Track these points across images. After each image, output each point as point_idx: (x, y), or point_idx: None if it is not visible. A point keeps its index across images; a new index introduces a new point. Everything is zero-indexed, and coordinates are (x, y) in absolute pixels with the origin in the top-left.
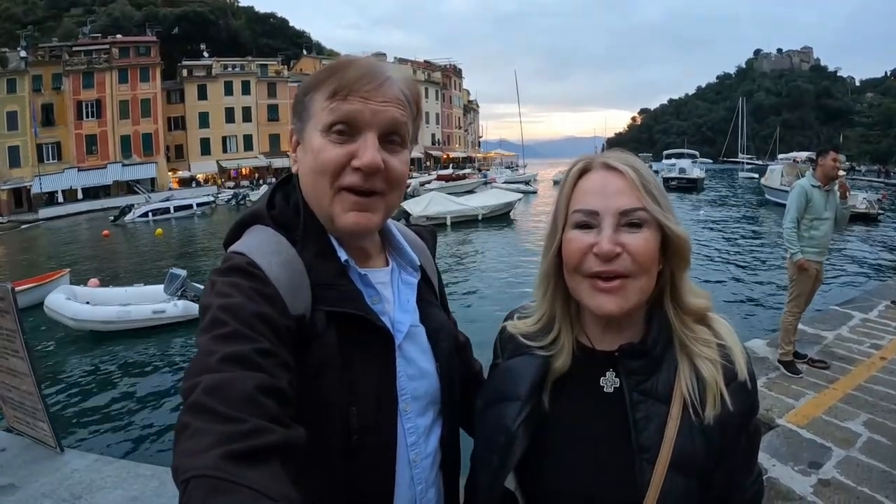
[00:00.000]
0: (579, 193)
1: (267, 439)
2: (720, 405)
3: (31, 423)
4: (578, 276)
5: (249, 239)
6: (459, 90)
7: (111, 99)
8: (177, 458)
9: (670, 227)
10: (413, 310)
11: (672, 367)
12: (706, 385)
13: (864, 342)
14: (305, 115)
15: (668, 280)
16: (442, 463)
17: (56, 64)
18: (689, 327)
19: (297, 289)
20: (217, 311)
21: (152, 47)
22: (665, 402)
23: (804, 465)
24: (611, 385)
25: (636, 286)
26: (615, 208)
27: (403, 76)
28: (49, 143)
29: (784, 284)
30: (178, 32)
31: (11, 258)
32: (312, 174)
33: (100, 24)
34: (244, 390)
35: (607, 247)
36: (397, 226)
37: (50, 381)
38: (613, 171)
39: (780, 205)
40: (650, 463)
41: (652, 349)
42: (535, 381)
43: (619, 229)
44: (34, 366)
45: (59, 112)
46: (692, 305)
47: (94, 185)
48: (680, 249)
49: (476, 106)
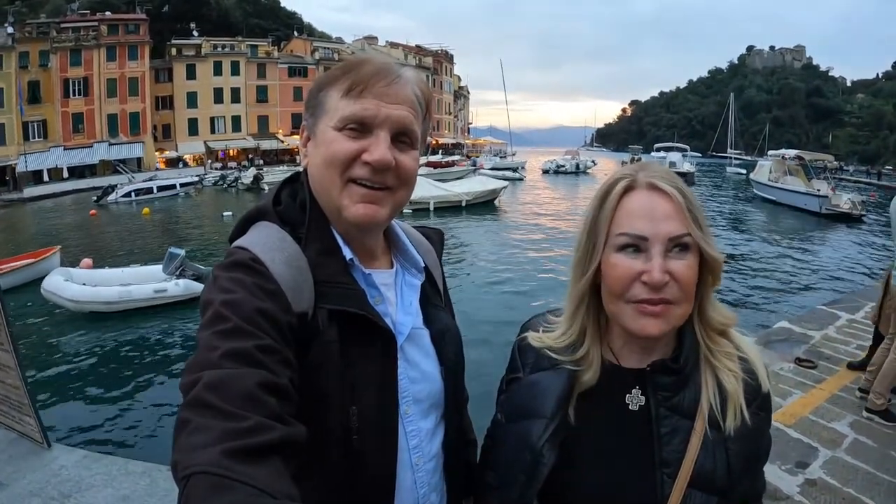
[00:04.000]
0: (624, 214)
1: (268, 436)
2: (740, 418)
3: (17, 418)
4: (622, 301)
5: (254, 235)
6: (450, 76)
7: (99, 77)
8: (177, 453)
9: (710, 252)
10: (416, 312)
11: (698, 383)
12: (728, 397)
13: (851, 343)
14: (319, 111)
15: (699, 297)
16: (445, 467)
17: (43, 41)
18: (714, 340)
19: (300, 286)
20: (219, 306)
21: (141, 25)
22: (690, 418)
23: (791, 465)
24: (636, 403)
25: (678, 312)
26: (665, 234)
27: (415, 75)
28: (35, 121)
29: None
30: (168, 11)
31: None
32: (322, 166)
33: (88, 0)
34: (246, 387)
35: (658, 276)
36: (403, 227)
37: (40, 366)
38: (660, 192)
39: (767, 200)
40: (671, 478)
41: (684, 367)
42: (561, 398)
43: (666, 255)
44: (20, 359)
45: (46, 90)
46: (717, 320)
47: (80, 164)
48: (713, 271)
49: (466, 92)
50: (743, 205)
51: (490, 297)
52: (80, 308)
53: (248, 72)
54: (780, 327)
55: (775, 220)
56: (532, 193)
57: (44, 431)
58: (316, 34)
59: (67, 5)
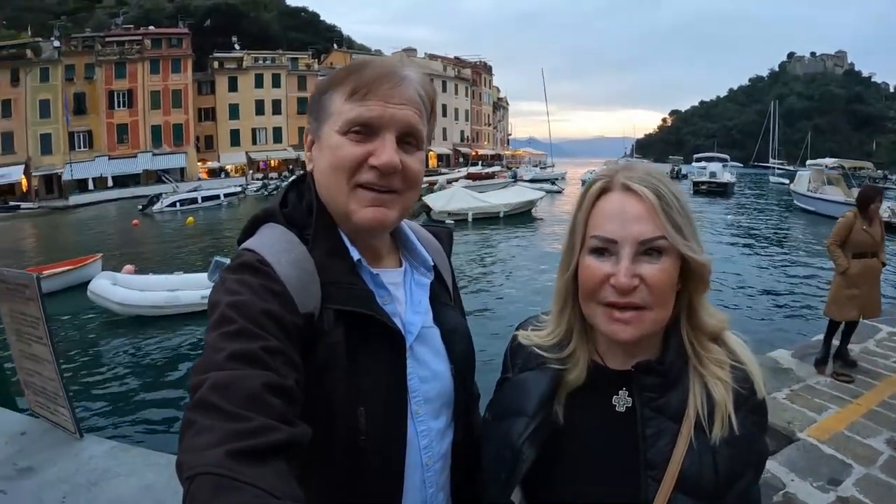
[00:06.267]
0: (597, 216)
1: (273, 438)
2: (727, 426)
3: (52, 408)
4: (593, 303)
5: (261, 236)
6: (489, 87)
7: (142, 89)
8: (182, 454)
9: (692, 256)
10: (426, 311)
11: (686, 387)
12: (715, 405)
13: (891, 356)
14: (322, 114)
15: (686, 302)
16: (453, 466)
17: (88, 54)
18: (704, 346)
19: (307, 287)
20: (225, 307)
21: (184, 39)
22: (676, 421)
23: (823, 482)
24: (623, 405)
25: (651, 317)
26: (634, 237)
27: (419, 76)
28: (80, 132)
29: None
30: (210, 25)
31: (42, 243)
32: (329, 171)
33: (132, 15)
34: (251, 388)
35: (624, 280)
36: (411, 225)
37: (78, 362)
38: (632, 194)
39: (807, 211)
40: (656, 481)
41: (669, 369)
42: (544, 397)
43: (637, 258)
44: (56, 353)
45: (91, 101)
46: (708, 325)
47: (124, 173)
48: (700, 275)
49: (506, 103)
50: (783, 216)
51: (530, 302)
52: (126, 311)
53: (288, 84)
54: (817, 340)
55: (815, 230)
56: (570, 204)
57: (76, 422)
58: (355, 47)
59: (112, 20)
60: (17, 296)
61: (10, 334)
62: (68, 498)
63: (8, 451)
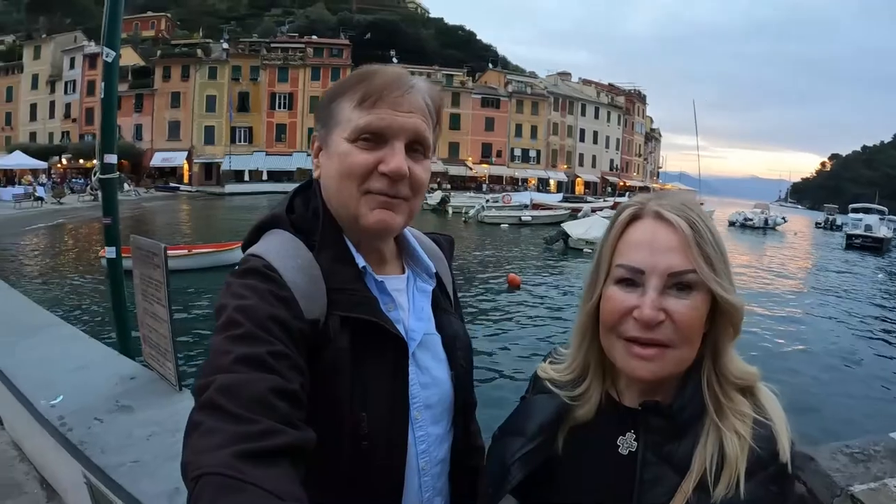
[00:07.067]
0: (625, 244)
1: (278, 440)
2: (734, 488)
3: (160, 361)
4: (614, 336)
5: (267, 242)
6: (643, 116)
7: (303, 93)
8: (188, 454)
9: (722, 294)
10: (428, 318)
11: (697, 437)
12: (726, 462)
13: None
14: (331, 121)
15: (712, 345)
16: (451, 472)
17: (254, 57)
18: (729, 396)
19: (313, 293)
20: (232, 311)
21: (344, 49)
22: (679, 472)
23: None
24: (626, 448)
25: (675, 356)
26: (663, 268)
27: (426, 84)
28: (242, 127)
29: None
30: (370, 38)
31: (194, 224)
32: (338, 178)
33: (297, 24)
34: (257, 391)
35: (649, 313)
36: (414, 233)
37: (194, 325)
38: (665, 222)
39: None
40: None
41: (678, 413)
42: (546, 422)
43: (664, 292)
44: (172, 313)
45: (254, 100)
46: (734, 374)
47: (279, 169)
48: (730, 317)
49: (658, 135)
50: None
51: None
52: None
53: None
54: None
55: None
56: None
57: (179, 376)
58: (510, 67)
59: (278, 27)
60: (148, 261)
61: (137, 294)
62: (153, 437)
63: (116, 391)
